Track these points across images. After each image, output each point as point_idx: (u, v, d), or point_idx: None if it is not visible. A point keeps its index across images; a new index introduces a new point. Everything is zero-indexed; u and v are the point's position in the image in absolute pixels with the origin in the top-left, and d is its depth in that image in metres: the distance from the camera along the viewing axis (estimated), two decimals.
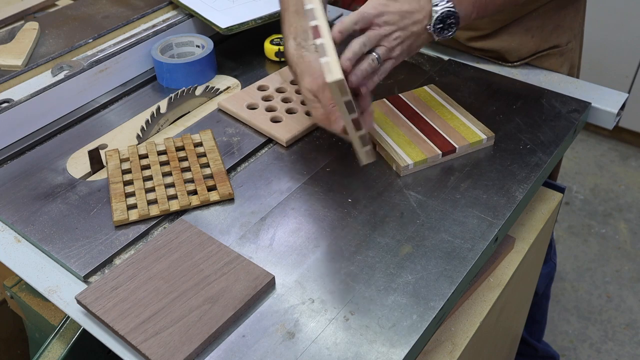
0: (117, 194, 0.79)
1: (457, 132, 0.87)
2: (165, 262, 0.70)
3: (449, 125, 0.89)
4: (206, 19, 1.07)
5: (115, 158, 0.85)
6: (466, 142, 0.85)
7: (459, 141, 0.85)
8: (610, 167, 2.35)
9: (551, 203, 0.98)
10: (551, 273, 1.33)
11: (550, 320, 1.79)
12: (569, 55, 1.07)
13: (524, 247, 0.91)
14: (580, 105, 0.94)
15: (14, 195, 0.82)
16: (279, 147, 0.89)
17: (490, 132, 0.87)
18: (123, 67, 1.03)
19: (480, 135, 0.86)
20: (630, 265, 1.97)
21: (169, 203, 0.79)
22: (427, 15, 0.77)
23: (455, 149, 0.85)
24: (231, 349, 0.63)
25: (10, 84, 0.99)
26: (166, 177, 0.82)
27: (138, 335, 0.63)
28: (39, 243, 0.75)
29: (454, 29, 0.78)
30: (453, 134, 0.87)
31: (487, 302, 0.84)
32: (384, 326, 0.64)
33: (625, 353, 1.73)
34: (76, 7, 1.23)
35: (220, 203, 0.80)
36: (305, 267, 0.71)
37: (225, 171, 0.83)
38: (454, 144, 0.85)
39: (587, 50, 1.32)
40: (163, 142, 0.88)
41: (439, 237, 0.74)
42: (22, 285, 0.88)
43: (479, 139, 0.86)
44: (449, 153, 0.85)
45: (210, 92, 1.00)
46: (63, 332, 0.78)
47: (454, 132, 0.87)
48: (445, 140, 0.86)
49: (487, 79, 1.02)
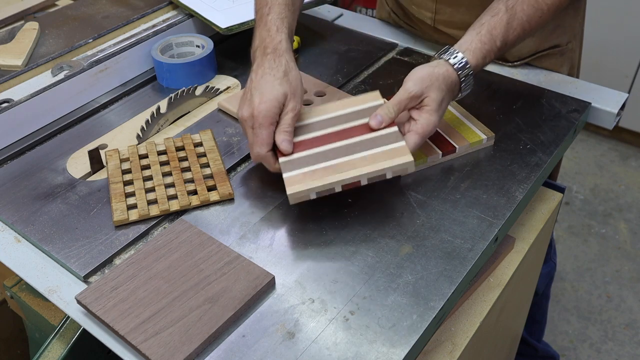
0: (117, 194, 0.79)
1: (457, 132, 0.87)
2: (165, 262, 0.70)
3: (449, 125, 0.89)
4: (206, 19, 1.07)
5: (115, 158, 0.85)
6: (466, 142, 0.85)
7: (459, 141, 0.85)
8: (610, 167, 2.35)
9: (551, 203, 0.98)
10: (551, 273, 1.33)
11: (550, 320, 1.79)
12: (569, 55, 1.07)
13: (524, 247, 0.91)
14: (580, 105, 0.94)
15: (14, 195, 0.82)
16: None
17: (490, 132, 0.87)
18: (123, 67, 1.03)
19: (480, 135, 0.86)
20: (630, 265, 1.97)
21: (169, 203, 0.79)
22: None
23: (456, 149, 0.85)
24: (231, 349, 0.63)
25: (10, 84, 0.99)
26: (166, 177, 0.82)
27: (138, 335, 0.63)
28: (39, 243, 0.75)
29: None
30: (453, 134, 0.87)
31: (487, 302, 0.84)
32: (384, 326, 0.64)
33: (625, 353, 1.73)
34: (76, 7, 1.23)
35: (220, 203, 0.80)
36: (305, 267, 0.71)
37: (225, 171, 0.83)
38: (454, 144, 0.85)
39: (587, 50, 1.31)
40: (163, 142, 0.88)
41: (439, 237, 0.74)
42: (22, 285, 0.88)
43: (479, 139, 0.86)
44: (449, 153, 0.85)
45: (210, 92, 1.00)
46: (63, 332, 0.78)
47: (454, 132, 0.87)
48: (445, 140, 0.86)
49: (487, 79, 1.02)
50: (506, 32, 0.81)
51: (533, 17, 0.82)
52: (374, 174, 0.73)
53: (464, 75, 0.79)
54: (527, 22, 0.82)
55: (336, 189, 0.73)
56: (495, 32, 0.81)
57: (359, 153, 0.75)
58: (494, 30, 0.81)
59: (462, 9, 1.02)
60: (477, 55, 0.80)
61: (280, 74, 0.78)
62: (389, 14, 1.19)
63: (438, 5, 1.04)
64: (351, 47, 1.11)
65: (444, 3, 1.03)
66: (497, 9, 0.82)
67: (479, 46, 0.80)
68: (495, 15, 0.81)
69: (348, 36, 1.15)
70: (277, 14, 0.83)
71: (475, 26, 0.82)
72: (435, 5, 1.04)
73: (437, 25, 1.07)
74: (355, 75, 1.04)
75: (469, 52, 0.79)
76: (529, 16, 0.82)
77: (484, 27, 0.81)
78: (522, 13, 0.81)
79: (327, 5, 1.22)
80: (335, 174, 0.73)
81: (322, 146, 0.77)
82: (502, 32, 0.81)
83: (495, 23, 0.81)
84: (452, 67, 0.79)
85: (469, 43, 0.80)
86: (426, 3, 1.06)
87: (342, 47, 1.11)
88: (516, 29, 0.82)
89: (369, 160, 0.74)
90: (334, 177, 0.72)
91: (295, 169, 0.74)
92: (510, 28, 0.81)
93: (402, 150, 0.74)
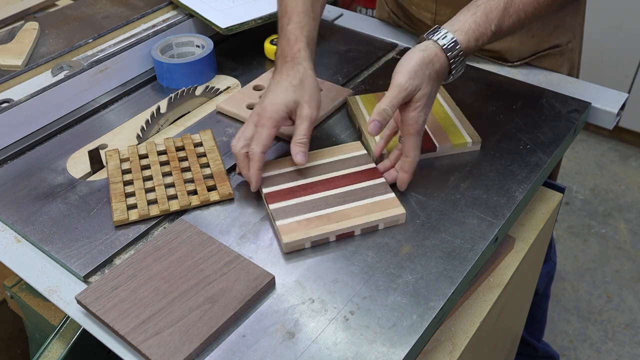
0: (117, 194, 0.79)
1: (443, 131, 0.87)
2: (165, 262, 0.70)
3: (437, 122, 0.88)
4: (206, 19, 1.07)
5: (115, 158, 0.85)
6: (449, 142, 0.85)
7: (442, 141, 0.85)
8: (610, 167, 2.35)
9: (551, 203, 0.98)
10: (551, 272, 1.33)
11: (550, 320, 1.79)
12: (569, 55, 1.07)
13: (524, 247, 0.91)
14: (580, 105, 0.94)
15: (14, 195, 0.82)
16: (278, 147, 0.89)
17: (477, 136, 0.86)
18: (123, 67, 1.03)
19: (466, 138, 0.86)
20: (630, 265, 1.97)
21: (169, 203, 0.79)
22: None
23: (436, 148, 0.84)
24: (231, 349, 0.63)
25: (10, 84, 0.99)
26: (166, 177, 0.82)
27: (138, 335, 0.63)
28: (39, 243, 0.75)
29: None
30: (439, 132, 0.87)
31: (487, 302, 0.84)
32: (384, 326, 0.64)
33: (625, 353, 1.73)
34: (76, 7, 1.23)
35: (221, 203, 0.80)
36: (305, 267, 0.71)
37: (225, 171, 0.83)
38: (436, 143, 0.85)
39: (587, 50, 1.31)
40: (163, 142, 0.88)
41: (439, 237, 0.74)
42: (22, 285, 0.88)
43: (464, 142, 0.85)
44: (428, 151, 0.84)
45: (210, 92, 1.00)
46: (63, 332, 0.78)
47: (440, 131, 0.87)
48: (428, 137, 0.86)
49: (487, 79, 1.02)
50: (502, 17, 0.77)
51: (529, 7, 0.79)
52: (367, 225, 0.74)
53: (453, 57, 0.75)
54: (522, 11, 0.79)
55: (330, 238, 0.74)
56: (492, 15, 0.77)
57: (350, 203, 0.76)
58: (490, 13, 0.77)
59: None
60: (470, 36, 0.76)
61: (297, 81, 0.79)
62: (389, 14, 1.19)
63: (438, 6, 1.04)
64: (351, 47, 1.11)
65: (443, 4, 1.03)
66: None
67: (473, 27, 0.76)
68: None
69: (348, 36, 1.15)
70: (297, 24, 0.83)
71: (470, 7, 0.78)
72: (435, 6, 1.04)
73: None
74: (355, 75, 1.04)
75: (461, 32, 0.76)
76: (525, 5, 0.79)
77: (480, 9, 0.77)
78: (519, 1, 0.78)
79: (327, 5, 1.22)
80: (330, 223, 0.73)
81: (312, 195, 0.77)
82: (498, 17, 0.77)
83: (492, 6, 0.77)
84: (442, 48, 0.75)
85: (461, 23, 0.76)
86: (426, 4, 1.06)
87: (342, 47, 1.11)
88: (512, 16, 0.78)
89: (361, 211, 0.75)
90: (329, 227, 0.73)
91: (288, 217, 0.74)
92: (506, 14, 0.78)
93: (392, 202, 0.76)
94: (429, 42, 0.76)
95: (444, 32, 0.76)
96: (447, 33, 0.76)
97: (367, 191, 0.77)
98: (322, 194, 0.77)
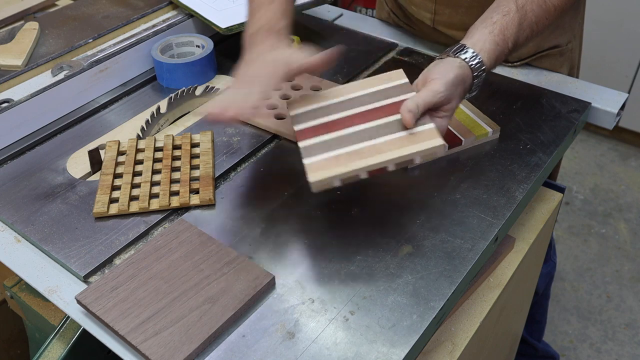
0: (105, 185, 0.79)
1: (463, 125, 0.87)
2: (165, 262, 0.70)
3: (455, 118, 0.89)
4: (206, 19, 1.07)
5: (113, 149, 0.85)
6: (472, 135, 0.86)
7: (465, 134, 0.86)
8: (610, 167, 2.35)
9: (551, 203, 0.98)
10: (551, 272, 1.33)
11: (550, 320, 1.79)
12: (569, 55, 1.07)
13: (524, 247, 0.91)
14: (580, 105, 0.94)
15: (14, 195, 0.82)
16: (278, 148, 0.89)
17: (495, 125, 0.87)
18: (123, 67, 1.03)
19: (486, 128, 0.87)
20: (630, 265, 1.97)
21: (150, 202, 0.78)
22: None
23: (462, 142, 0.85)
24: (231, 349, 0.63)
25: (10, 84, 0.99)
26: (155, 175, 0.82)
27: (138, 335, 0.63)
28: (39, 243, 0.75)
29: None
30: (459, 126, 0.87)
31: (487, 302, 0.84)
32: (384, 326, 0.64)
33: (625, 353, 1.73)
34: (76, 7, 1.23)
35: (221, 203, 0.80)
36: (305, 267, 0.71)
37: (212, 176, 0.82)
38: (460, 136, 0.85)
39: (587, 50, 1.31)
40: (162, 139, 0.88)
41: (439, 237, 0.74)
42: (22, 285, 0.88)
43: (485, 132, 0.86)
44: (455, 145, 0.85)
45: (210, 92, 1.00)
46: (63, 332, 0.78)
47: (460, 125, 0.87)
48: (451, 132, 0.86)
49: (487, 79, 1.01)
50: (517, 33, 0.78)
51: (541, 19, 0.79)
52: (401, 159, 0.68)
53: (477, 77, 0.77)
54: (535, 24, 0.79)
55: (361, 175, 0.68)
56: (508, 32, 0.77)
57: (384, 137, 0.70)
58: (507, 30, 0.77)
59: (461, 10, 1.02)
60: (491, 56, 0.77)
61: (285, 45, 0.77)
62: (389, 14, 1.19)
63: (437, 6, 1.04)
64: (351, 47, 1.11)
65: (443, 4, 1.03)
66: (508, 7, 0.78)
67: (493, 47, 0.76)
68: (506, 15, 0.78)
69: (348, 36, 1.15)
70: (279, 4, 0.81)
71: (486, 23, 0.78)
72: (435, 6, 1.04)
73: (436, 26, 1.07)
74: (355, 75, 1.04)
75: (484, 52, 0.76)
76: (537, 17, 0.79)
77: (497, 27, 0.77)
78: (532, 13, 0.78)
79: (327, 5, 1.22)
80: (361, 159, 0.67)
81: (344, 129, 0.72)
82: (514, 33, 0.77)
83: (507, 23, 0.77)
84: (471, 69, 0.76)
85: (482, 42, 0.76)
86: (425, 4, 1.06)
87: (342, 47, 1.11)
88: (525, 30, 0.79)
89: (395, 145, 0.68)
90: (359, 163, 0.67)
91: (316, 154, 0.69)
92: (521, 29, 0.78)
93: (431, 133, 0.69)
94: (462, 61, 0.75)
95: (471, 52, 0.76)
96: (475, 55, 0.76)
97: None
98: (356, 128, 0.72)
